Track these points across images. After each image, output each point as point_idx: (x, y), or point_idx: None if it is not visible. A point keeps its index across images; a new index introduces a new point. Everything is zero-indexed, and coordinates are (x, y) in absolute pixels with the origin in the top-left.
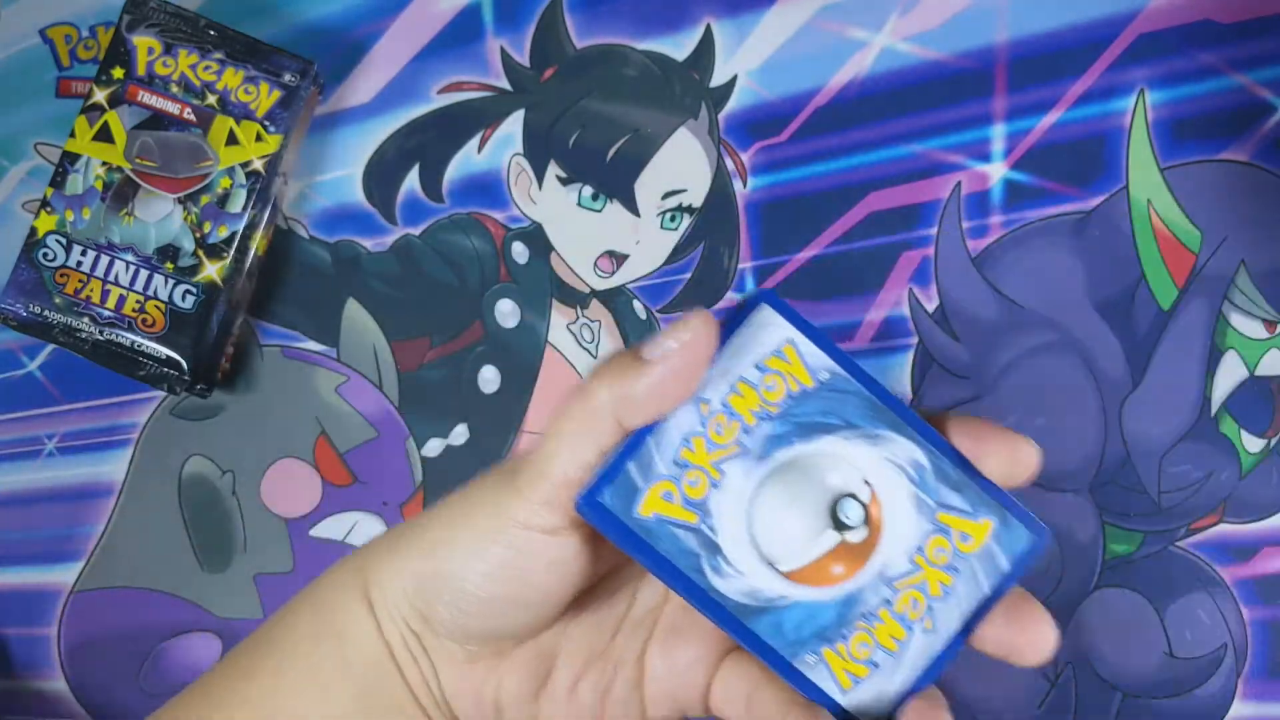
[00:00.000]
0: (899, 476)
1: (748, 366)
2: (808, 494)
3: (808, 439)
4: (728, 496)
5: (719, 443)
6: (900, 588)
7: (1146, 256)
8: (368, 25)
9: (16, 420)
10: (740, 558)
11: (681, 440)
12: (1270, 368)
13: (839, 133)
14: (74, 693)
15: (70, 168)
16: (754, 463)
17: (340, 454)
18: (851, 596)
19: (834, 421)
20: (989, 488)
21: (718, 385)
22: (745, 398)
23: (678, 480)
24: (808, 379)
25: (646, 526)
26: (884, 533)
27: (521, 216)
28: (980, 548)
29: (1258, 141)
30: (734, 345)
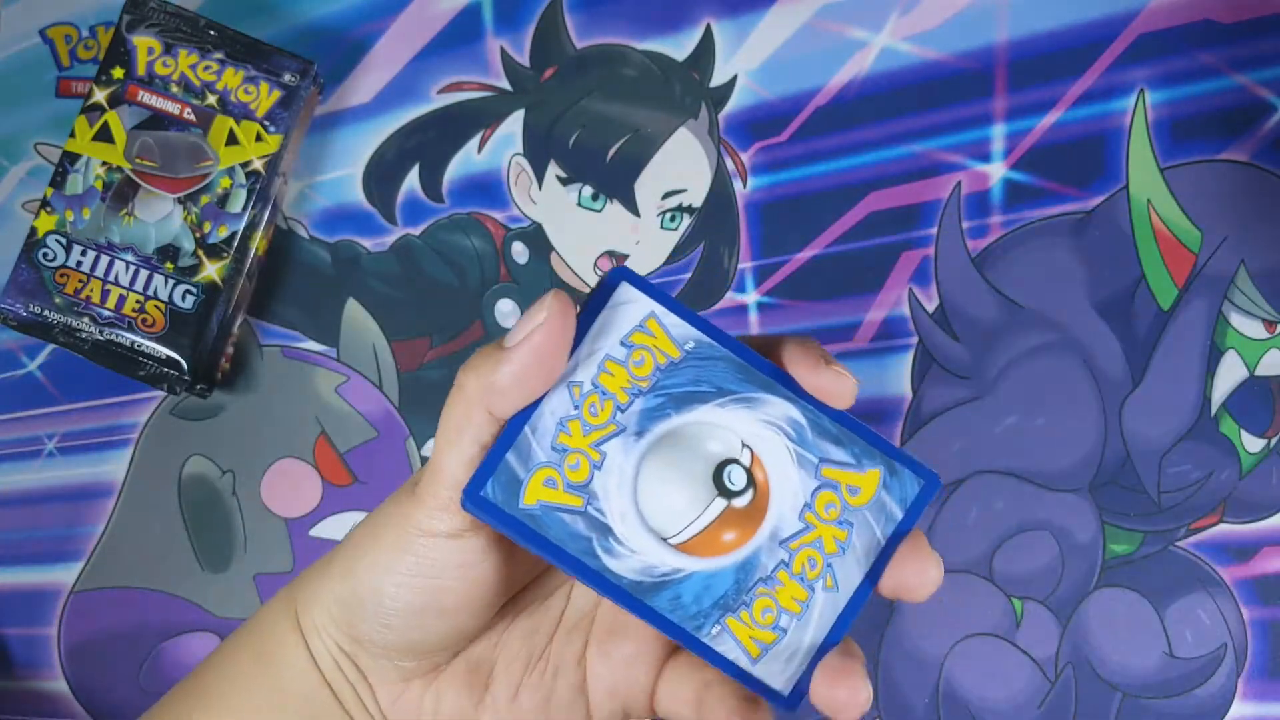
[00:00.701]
0: (778, 436)
1: (614, 344)
2: (689, 464)
3: (682, 410)
4: (611, 476)
5: (595, 423)
6: (795, 548)
7: (1146, 256)
8: (368, 25)
9: (16, 420)
10: (631, 535)
11: (557, 425)
12: (1270, 368)
13: (839, 133)
14: (74, 693)
15: (70, 168)
16: (632, 439)
17: (340, 454)
18: (747, 562)
19: (706, 389)
20: (872, 438)
21: (587, 367)
22: (615, 375)
23: (559, 465)
24: (674, 350)
25: (534, 515)
26: (771, 494)
27: (521, 216)
28: (871, 499)
29: (1258, 141)
30: (598, 325)
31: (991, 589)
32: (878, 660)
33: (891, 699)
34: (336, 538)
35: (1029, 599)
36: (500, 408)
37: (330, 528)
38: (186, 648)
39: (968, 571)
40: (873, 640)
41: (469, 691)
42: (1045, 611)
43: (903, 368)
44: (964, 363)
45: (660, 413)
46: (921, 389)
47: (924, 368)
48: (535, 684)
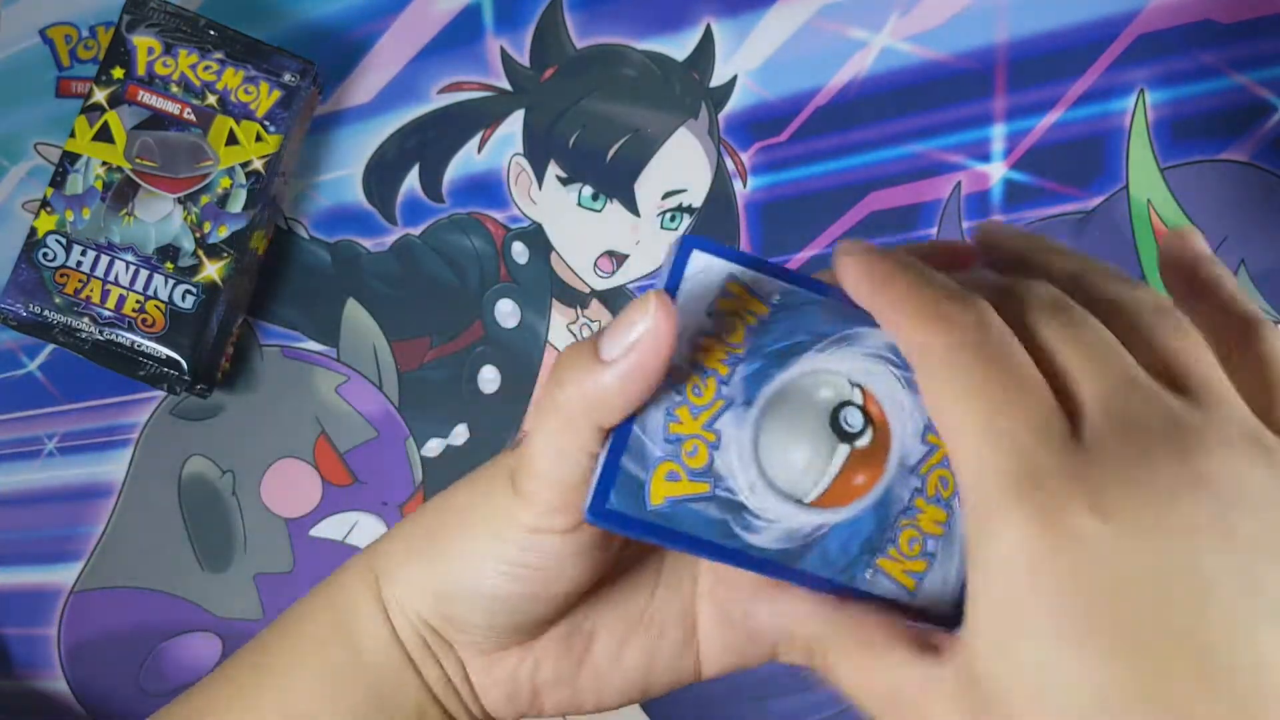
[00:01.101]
0: (883, 367)
1: (701, 318)
2: (804, 419)
3: (785, 366)
4: (730, 452)
5: (702, 404)
6: (925, 471)
7: (1146, 256)
8: (368, 25)
9: (16, 420)
10: (765, 506)
11: (665, 416)
12: None
13: (839, 133)
14: (74, 693)
15: (70, 168)
16: (743, 410)
17: (340, 454)
18: (883, 499)
19: (802, 338)
20: None
21: (680, 348)
22: (710, 350)
23: (676, 457)
24: (762, 307)
25: (664, 513)
26: (891, 427)
27: (521, 216)
28: None
29: (1258, 141)
30: (681, 302)
31: None
32: None
33: None
34: (337, 538)
35: None
36: (607, 420)
37: (330, 528)
38: (186, 648)
39: None
40: None
41: (569, 655)
42: None
43: None
44: None
45: (764, 375)
46: None
47: None
48: (640, 641)
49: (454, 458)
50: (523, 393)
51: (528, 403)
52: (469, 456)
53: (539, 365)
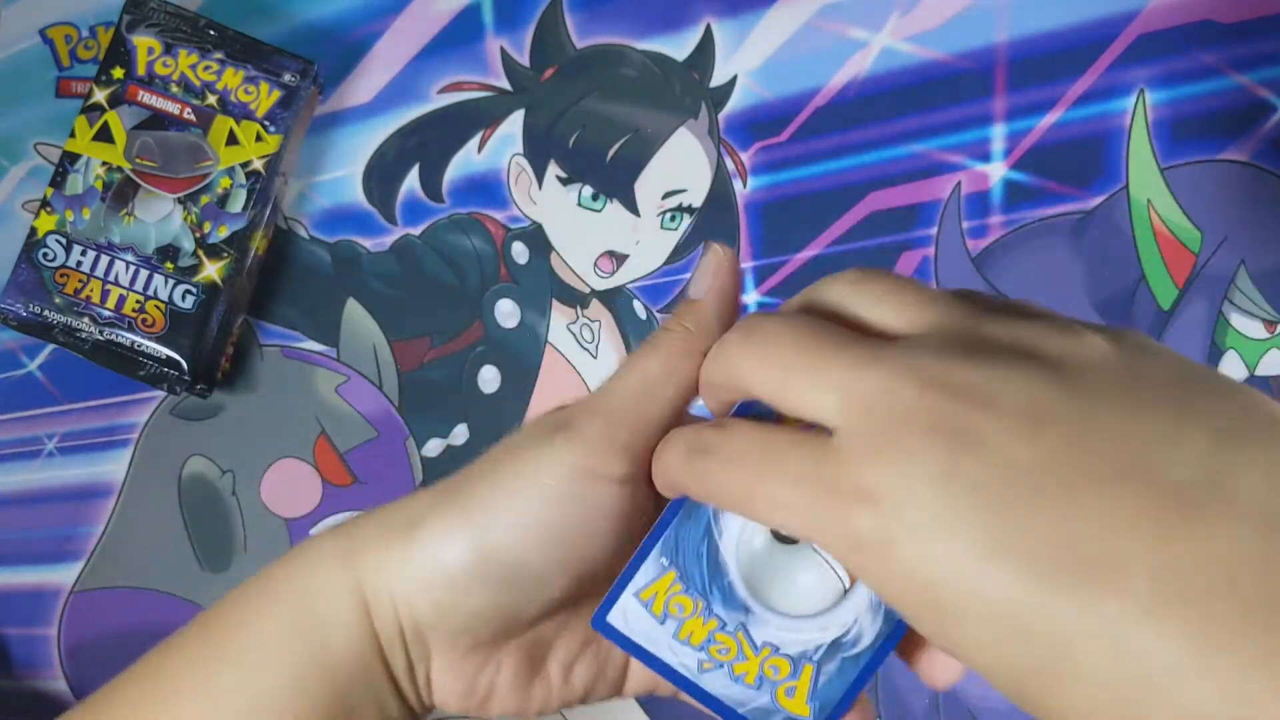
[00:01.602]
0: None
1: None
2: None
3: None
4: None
5: (693, 614)
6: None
7: (1146, 256)
8: (368, 25)
9: (16, 420)
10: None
11: (677, 626)
12: (1270, 368)
13: (839, 133)
14: (74, 693)
15: (70, 168)
16: (729, 599)
17: (340, 454)
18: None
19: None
20: None
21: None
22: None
23: (707, 653)
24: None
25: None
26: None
27: (521, 216)
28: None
29: (1258, 141)
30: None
31: None
32: None
33: (891, 700)
34: None
35: None
36: (706, 344)
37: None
38: None
39: None
40: None
41: (529, 663)
42: None
43: None
44: None
45: (732, 590)
46: None
47: None
48: (589, 661)
49: (454, 458)
50: (523, 393)
51: (528, 403)
52: (469, 456)
53: (539, 365)
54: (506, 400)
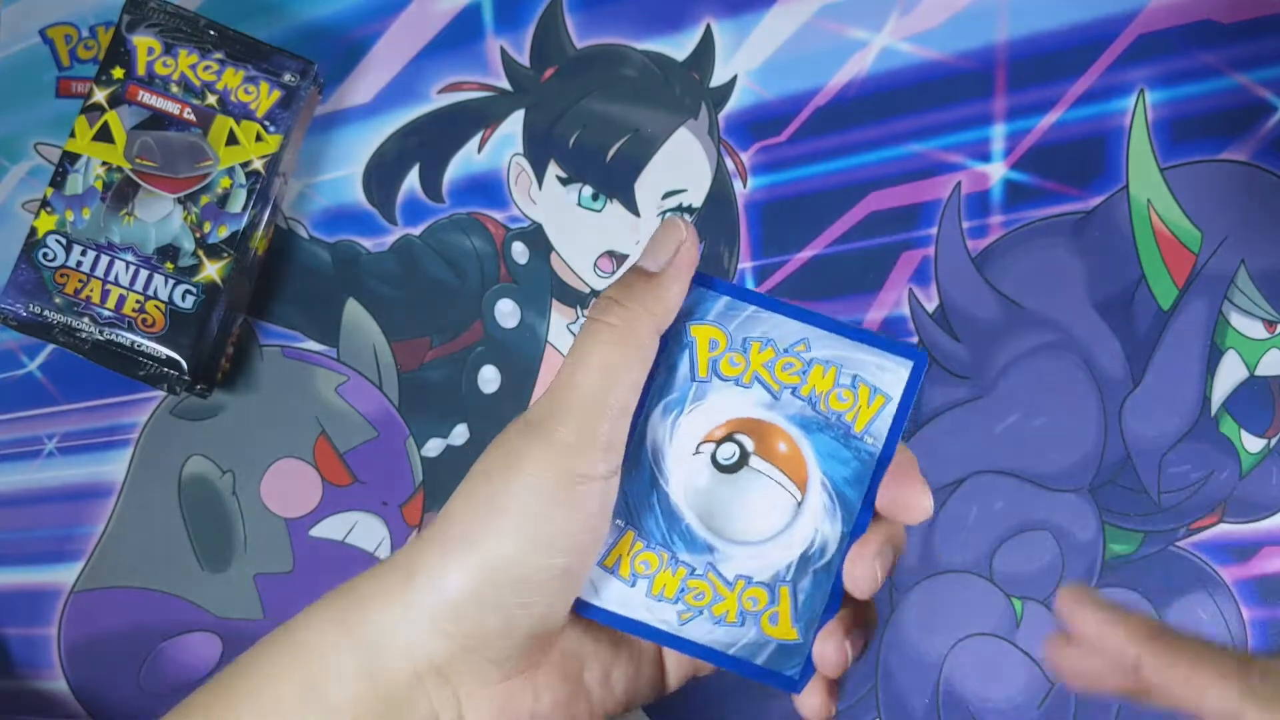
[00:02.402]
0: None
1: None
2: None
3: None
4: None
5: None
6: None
7: (1146, 256)
8: (368, 25)
9: (16, 420)
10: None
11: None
12: (1270, 368)
13: (839, 133)
14: (74, 693)
15: (70, 168)
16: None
17: (340, 454)
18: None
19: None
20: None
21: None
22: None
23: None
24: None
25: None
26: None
27: (521, 216)
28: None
29: (1258, 141)
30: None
31: (991, 589)
32: (877, 661)
33: (891, 699)
34: (337, 538)
35: (1029, 599)
36: (664, 320)
37: (330, 528)
38: (186, 648)
39: (967, 571)
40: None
41: (566, 681)
42: (1045, 611)
43: None
44: (964, 363)
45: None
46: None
47: None
48: (624, 664)
49: (454, 458)
50: (523, 393)
51: (528, 403)
52: (469, 456)
53: (539, 365)
54: (506, 400)
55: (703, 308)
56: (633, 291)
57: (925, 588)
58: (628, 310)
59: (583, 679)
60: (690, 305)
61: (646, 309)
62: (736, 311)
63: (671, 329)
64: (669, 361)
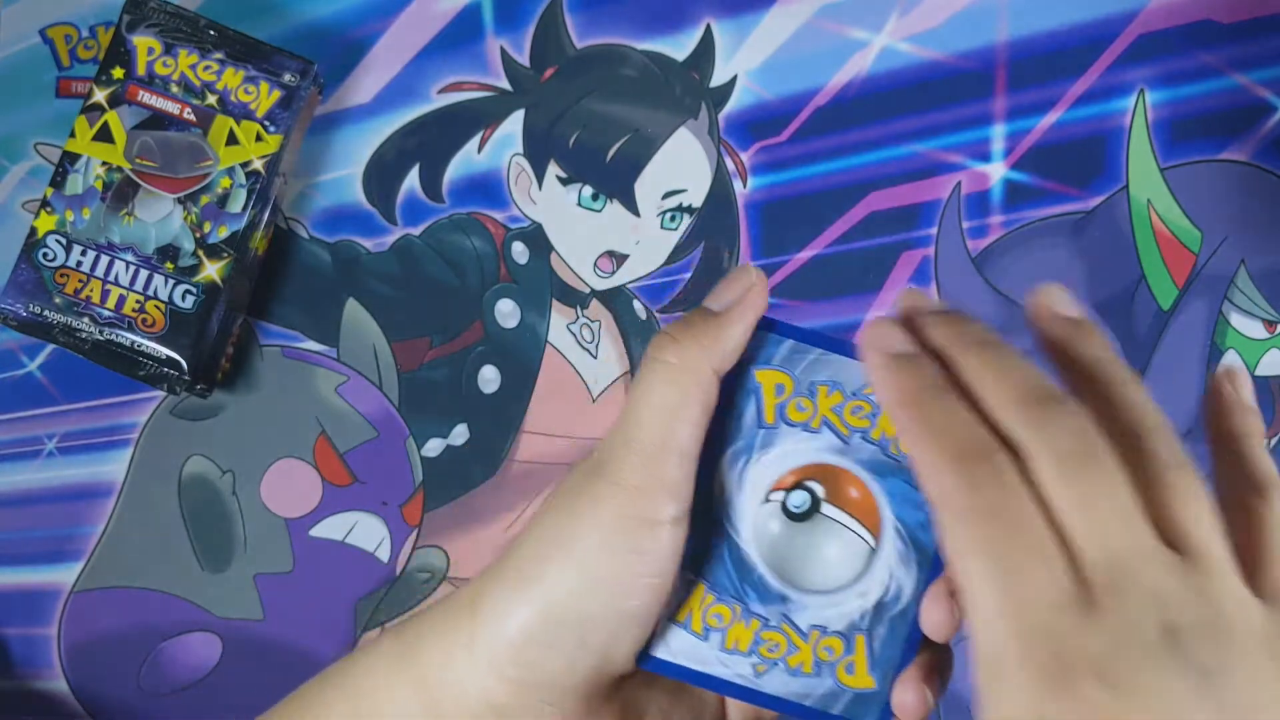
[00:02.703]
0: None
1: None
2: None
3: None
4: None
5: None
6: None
7: (1146, 256)
8: (368, 25)
9: (16, 420)
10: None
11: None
12: (1270, 368)
13: (839, 133)
14: (74, 693)
15: (70, 168)
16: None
17: (340, 454)
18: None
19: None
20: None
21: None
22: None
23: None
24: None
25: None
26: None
27: (521, 216)
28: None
29: (1258, 141)
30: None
31: None
32: None
33: None
34: (337, 538)
35: None
36: (722, 363)
37: (330, 528)
38: (186, 648)
39: None
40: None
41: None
42: None
43: None
44: None
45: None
46: None
47: None
48: (683, 711)
49: (454, 458)
50: (523, 393)
51: (528, 403)
52: (469, 456)
53: (539, 365)
54: (506, 400)
55: (767, 352)
56: (692, 330)
57: None
58: (684, 348)
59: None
60: (754, 351)
61: (704, 348)
62: (802, 355)
63: (737, 376)
64: (735, 409)
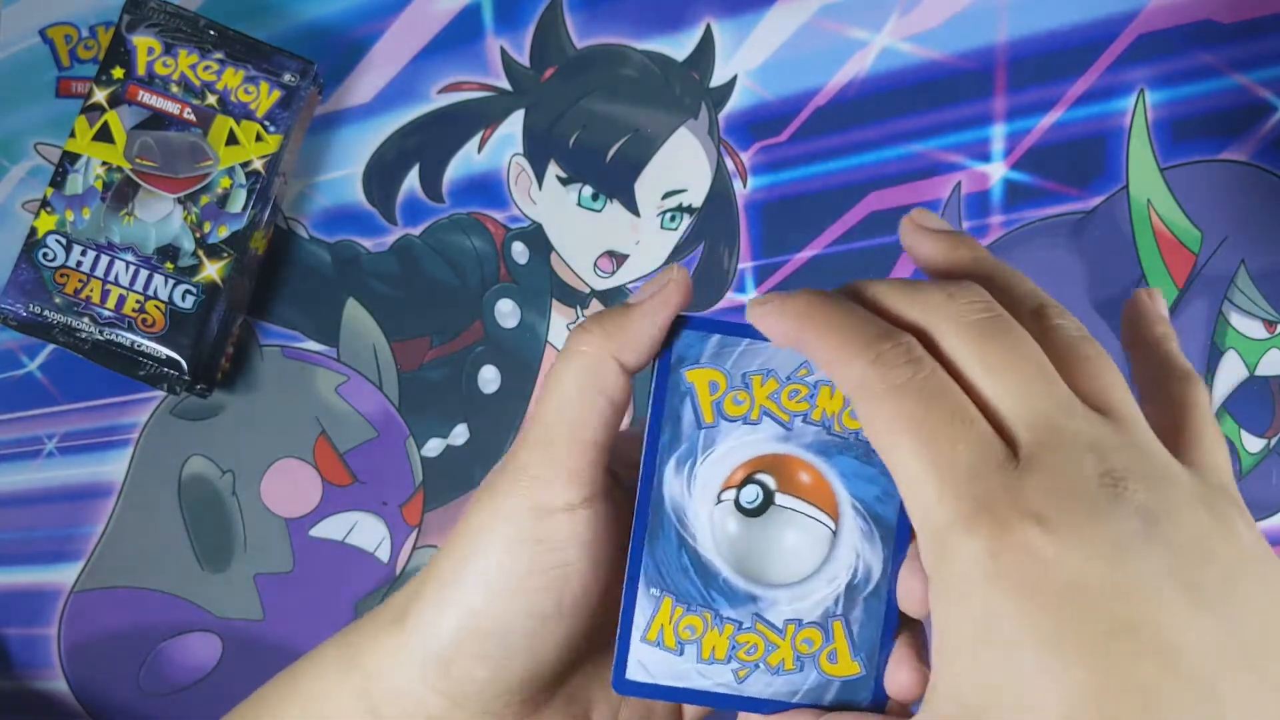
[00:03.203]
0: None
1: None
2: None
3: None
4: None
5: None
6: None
7: (1146, 256)
8: (368, 25)
9: (16, 420)
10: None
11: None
12: (1270, 368)
13: (839, 133)
14: (74, 693)
15: (70, 168)
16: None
17: (340, 454)
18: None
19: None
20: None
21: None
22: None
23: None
24: None
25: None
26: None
27: (521, 216)
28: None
29: (1258, 141)
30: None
31: None
32: None
33: None
34: (337, 538)
35: None
36: (630, 356)
37: (330, 528)
38: (186, 648)
39: None
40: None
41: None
42: None
43: None
44: None
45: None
46: None
47: None
48: (634, 707)
49: (454, 458)
50: (523, 393)
51: (528, 403)
52: (469, 456)
53: (539, 365)
54: (506, 400)
55: (695, 351)
56: (600, 321)
57: None
58: (592, 338)
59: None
60: (683, 352)
61: (608, 336)
62: (731, 348)
63: (669, 381)
64: (672, 414)
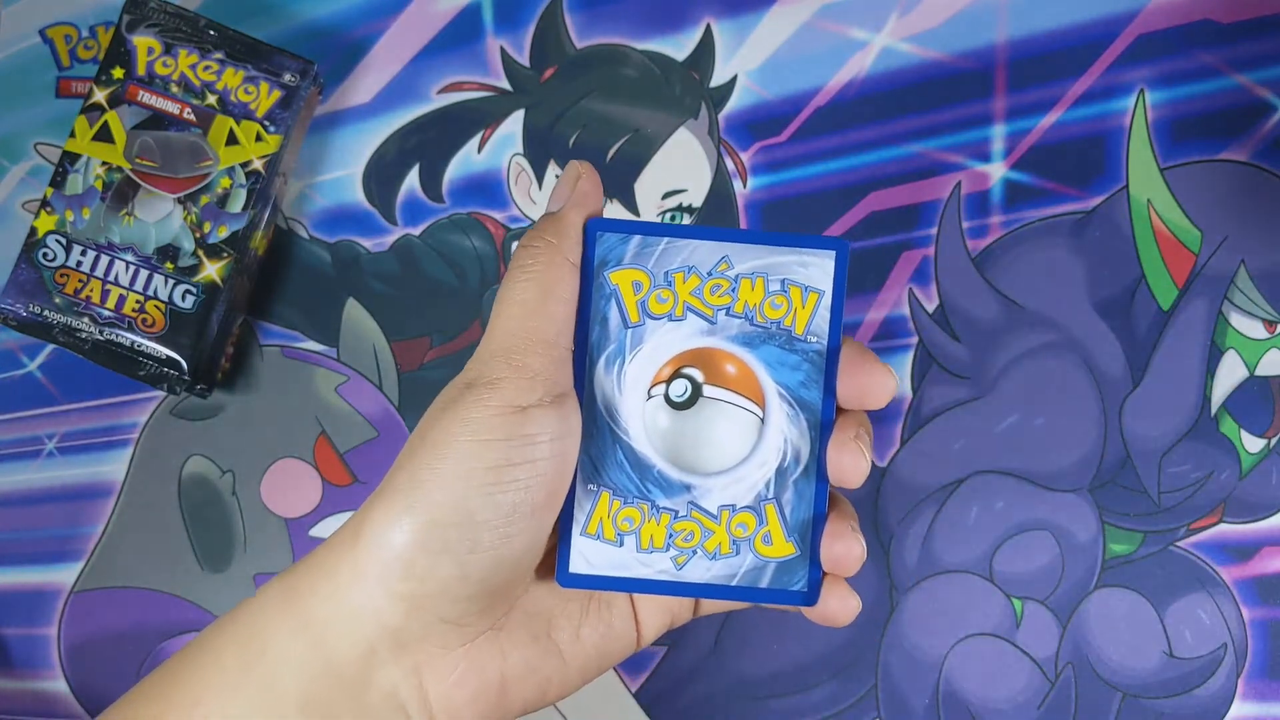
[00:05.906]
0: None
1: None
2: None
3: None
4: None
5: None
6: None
7: (1146, 256)
8: (368, 25)
9: (16, 420)
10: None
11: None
12: (1270, 368)
13: (839, 133)
14: (74, 693)
15: (70, 168)
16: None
17: (340, 454)
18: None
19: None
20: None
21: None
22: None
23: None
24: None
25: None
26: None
27: (521, 216)
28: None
29: (1258, 141)
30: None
31: (991, 589)
32: (877, 660)
33: (891, 699)
34: None
35: (1029, 599)
36: (572, 250)
37: (330, 528)
38: None
39: (968, 571)
40: (872, 640)
41: (535, 641)
42: (1045, 611)
43: (903, 368)
44: (964, 363)
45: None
46: (921, 389)
47: (924, 368)
48: (594, 621)
49: None
50: None
51: None
52: None
53: None
54: None
55: (616, 253)
56: (540, 230)
57: (925, 588)
58: (537, 250)
59: (552, 637)
60: (605, 255)
61: (550, 242)
62: (651, 248)
63: (594, 281)
64: (599, 315)
